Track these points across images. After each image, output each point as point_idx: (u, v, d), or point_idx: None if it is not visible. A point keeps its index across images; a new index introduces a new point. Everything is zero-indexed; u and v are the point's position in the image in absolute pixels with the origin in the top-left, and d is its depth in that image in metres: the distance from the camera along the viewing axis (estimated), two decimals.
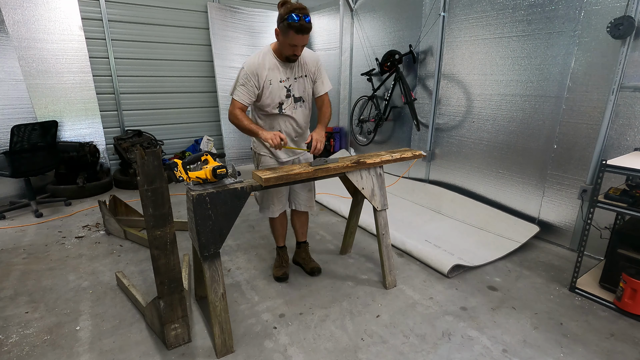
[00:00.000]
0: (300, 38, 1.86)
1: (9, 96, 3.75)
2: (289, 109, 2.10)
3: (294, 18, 1.79)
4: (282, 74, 2.02)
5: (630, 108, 2.46)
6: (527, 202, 3.14)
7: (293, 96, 2.09)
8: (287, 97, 2.07)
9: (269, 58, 1.99)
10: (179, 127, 5.21)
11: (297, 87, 2.09)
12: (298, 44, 1.89)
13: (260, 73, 1.97)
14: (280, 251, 2.53)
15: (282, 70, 2.02)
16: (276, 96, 2.04)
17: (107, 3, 4.34)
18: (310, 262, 2.57)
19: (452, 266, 2.48)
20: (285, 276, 2.45)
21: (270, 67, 1.99)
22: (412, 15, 3.95)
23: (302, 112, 2.16)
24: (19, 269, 2.56)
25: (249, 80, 1.96)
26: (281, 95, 2.05)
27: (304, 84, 2.11)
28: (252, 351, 1.82)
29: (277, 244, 2.54)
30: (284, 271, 2.46)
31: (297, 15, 1.79)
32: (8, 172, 3.34)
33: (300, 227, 2.54)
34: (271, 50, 2.01)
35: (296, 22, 1.79)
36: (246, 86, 1.97)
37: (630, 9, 2.35)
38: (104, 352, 1.80)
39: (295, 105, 2.12)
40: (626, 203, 2.04)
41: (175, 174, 1.65)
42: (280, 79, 2.02)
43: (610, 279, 2.23)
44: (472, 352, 1.82)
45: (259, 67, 1.96)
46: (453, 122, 3.69)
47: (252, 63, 1.96)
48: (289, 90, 2.06)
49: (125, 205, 3.28)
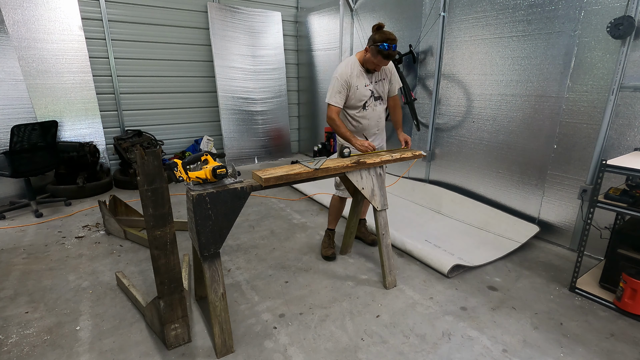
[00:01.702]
0: (384, 61, 2.26)
1: (9, 96, 3.75)
2: (370, 107, 2.49)
3: (385, 47, 2.17)
4: (367, 79, 2.41)
5: (630, 108, 2.46)
6: (527, 202, 3.14)
7: (374, 96, 2.47)
8: (371, 97, 2.46)
9: (356, 67, 2.38)
10: (179, 127, 5.21)
11: (377, 88, 2.47)
12: (382, 65, 2.31)
13: (351, 81, 2.36)
14: (330, 233, 2.82)
15: (366, 76, 2.41)
16: (362, 97, 2.42)
17: (107, 3, 4.34)
18: (370, 235, 2.98)
19: (452, 266, 2.48)
20: (333, 256, 2.73)
21: (357, 75, 2.38)
22: (412, 15, 3.95)
23: (381, 108, 2.56)
24: (19, 269, 2.56)
25: (343, 87, 2.36)
26: (366, 95, 2.43)
27: (382, 86, 2.49)
28: (252, 351, 1.82)
29: (329, 226, 2.83)
30: (332, 251, 2.75)
31: (388, 46, 2.17)
32: (8, 172, 3.34)
33: (365, 205, 2.93)
34: (357, 60, 2.39)
35: (386, 50, 2.18)
36: (341, 93, 2.37)
37: (630, 9, 2.35)
38: (104, 352, 1.80)
39: (375, 102, 2.51)
40: (626, 203, 2.04)
41: (175, 174, 1.65)
42: (365, 84, 2.41)
43: (610, 279, 2.23)
44: (472, 352, 1.82)
45: (350, 76, 2.35)
46: (453, 122, 3.69)
47: (345, 72, 2.35)
48: (372, 92, 2.45)
49: (125, 205, 3.28)
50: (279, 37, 5.61)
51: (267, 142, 5.77)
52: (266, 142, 5.75)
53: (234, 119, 5.38)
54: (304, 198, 4.08)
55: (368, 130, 2.56)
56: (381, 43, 2.16)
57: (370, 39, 2.24)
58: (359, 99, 2.42)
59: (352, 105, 2.45)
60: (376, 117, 2.54)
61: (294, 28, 5.93)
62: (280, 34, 5.61)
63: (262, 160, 5.77)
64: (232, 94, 5.28)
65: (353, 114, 2.49)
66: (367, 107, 2.47)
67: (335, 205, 2.77)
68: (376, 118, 2.54)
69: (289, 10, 5.80)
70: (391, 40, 2.18)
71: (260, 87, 5.53)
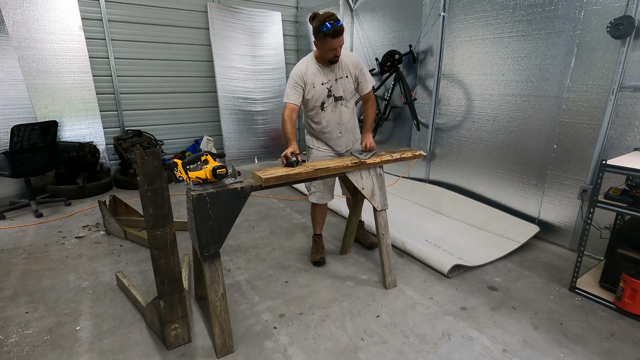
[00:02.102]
0: (337, 41, 2.10)
1: (9, 96, 3.75)
2: (329, 108, 2.35)
3: (328, 26, 2.04)
4: (324, 77, 2.27)
5: (630, 108, 2.46)
6: (527, 202, 3.14)
7: (334, 96, 2.33)
8: (328, 96, 2.32)
9: (312, 64, 2.25)
10: (179, 127, 5.21)
11: (337, 87, 2.32)
12: (337, 46, 2.14)
13: (306, 78, 2.24)
14: (317, 238, 2.74)
15: (323, 73, 2.27)
16: (320, 96, 2.30)
17: (107, 3, 4.34)
18: (368, 238, 2.89)
19: (452, 266, 2.48)
20: (322, 260, 2.66)
21: (313, 72, 2.25)
22: (412, 15, 3.95)
23: (343, 110, 2.39)
24: (19, 269, 2.56)
25: (296, 85, 2.24)
26: (324, 94, 2.30)
27: (344, 84, 2.33)
28: (252, 351, 1.82)
29: (315, 231, 2.75)
30: (321, 256, 2.67)
31: (329, 24, 2.04)
32: (8, 172, 3.34)
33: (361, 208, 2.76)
34: (314, 57, 2.27)
35: (330, 29, 2.04)
36: (296, 90, 2.25)
37: (630, 9, 2.35)
38: (104, 352, 1.80)
39: (336, 104, 2.36)
40: (626, 203, 2.04)
41: (175, 174, 1.65)
42: (322, 82, 2.27)
43: (610, 279, 2.23)
44: (472, 352, 1.82)
45: (305, 73, 2.23)
46: (453, 122, 3.69)
47: (300, 70, 2.24)
48: (330, 91, 2.30)
49: (125, 205, 3.28)
50: (279, 37, 5.61)
51: (267, 142, 5.77)
52: (266, 142, 5.75)
53: (234, 119, 5.38)
54: (304, 198, 4.08)
55: (330, 133, 2.43)
56: (322, 25, 2.04)
57: (313, 31, 2.12)
58: (316, 99, 2.29)
59: (311, 106, 2.34)
60: (336, 119, 2.38)
61: (294, 28, 5.93)
62: (280, 34, 5.61)
63: (262, 160, 5.77)
64: (232, 94, 5.29)
65: (312, 115, 2.39)
66: (325, 108, 2.34)
67: (313, 211, 2.68)
68: (336, 120, 2.39)
69: (289, 10, 5.80)
70: (329, 17, 2.04)
71: (260, 87, 5.53)
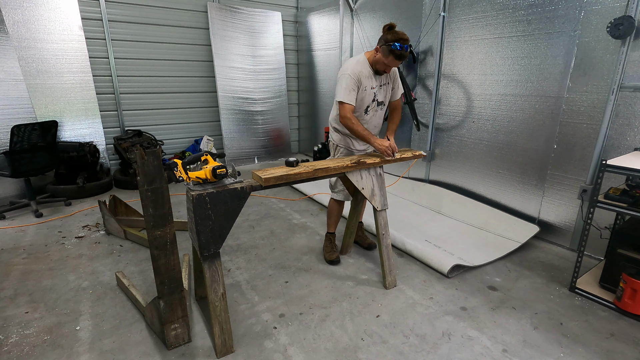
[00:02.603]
0: (397, 63, 2.18)
1: (9, 96, 3.75)
2: (372, 111, 2.40)
3: (397, 47, 2.09)
4: (374, 81, 2.32)
5: (630, 108, 2.46)
6: (527, 202, 3.14)
7: (377, 100, 2.38)
8: (373, 101, 2.36)
9: (366, 67, 2.27)
10: (179, 127, 5.21)
11: (381, 93, 2.38)
12: (394, 67, 2.23)
13: (362, 80, 2.25)
14: (331, 237, 2.76)
15: (373, 78, 2.31)
16: (367, 100, 2.33)
17: (107, 3, 4.34)
18: (367, 239, 2.90)
19: (452, 266, 2.48)
20: (338, 259, 2.68)
21: (367, 76, 2.28)
22: (412, 15, 3.95)
23: (381, 113, 2.48)
24: (19, 269, 2.56)
25: (355, 85, 2.24)
26: (370, 99, 2.34)
27: (386, 91, 2.40)
28: (252, 351, 1.82)
29: (329, 229, 2.77)
30: (336, 255, 2.69)
31: (400, 46, 2.09)
32: (8, 172, 3.34)
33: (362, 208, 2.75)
34: (367, 60, 2.29)
35: (399, 50, 2.10)
36: (354, 90, 2.24)
37: (630, 9, 2.35)
38: (104, 352, 1.80)
39: (377, 108, 2.42)
40: (626, 203, 2.04)
41: (175, 174, 1.65)
42: (372, 86, 2.31)
43: (610, 279, 2.23)
44: (472, 352, 1.82)
45: (361, 75, 2.24)
46: (453, 122, 3.69)
47: (356, 70, 2.24)
48: (375, 96, 2.35)
49: (125, 205, 3.28)
50: (279, 37, 5.61)
51: (267, 142, 5.77)
52: (266, 142, 5.75)
53: (234, 119, 5.38)
54: (304, 198, 4.08)
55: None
56: (393, 42, 2.09)
57: (382, 39, 2.16)
58: (364, 102, 2.32)
59: (356, 107, 2.33)
60: (375, 122, 2.45)
61: (294, 28, 5.93)
62: (280, 34, 5.61)
63: (262, 160, 5.77)
64: (232, 94, 5.28)
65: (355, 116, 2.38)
66: (368, 112, 2.38)
67: (334, 208, 2.71)
68: (374, 123, 2.45)
69: (289, 10, 5.80)
70: (404, 40, 2.10)
71: (260, 87, 5.53)
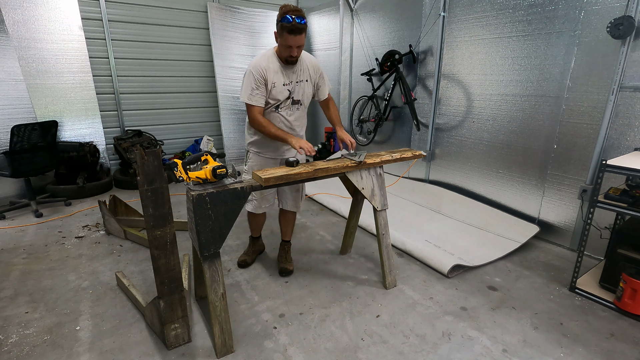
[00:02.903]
0: (293, 39, 1.91)
1: (9, 96, 3.75)
2: (284, 110, 2.17)
3: (288, 19, 1.85)
4: (285, 77, 2.09)
5: (630, 108, 2.46)
6: (527, 202, 3.14)
7: (292, 98, 2.16)
8: (287, 99, 2.14)
9: (273, 61, 2.05)
10: (179, 127, 5.21)
11: (297, 90, 2.16)
12: (292, 45, 1.95)
13: (268, 75, 2.03)
14: (251, 241, 2.67)
15: (285, 74, 2.08)
16: (279, 98, 2.11)
17: (107, 3, 4.34)
18: (283, 262, 2.54)
19: (452, 266, 2.48)
20: (244, 263, 2.58)
21: (275, 71, 2.05)
22: (412, 15, 3.95)
23: (298, 114, 2.24)
24: (19, 269, 2.56)
25: (260, 83, 2.02)
26: (283, 97, 2.12)
27: (304, 88, 2.18)
28: (252, 351, 1.82)
29: (252, 234, 2.66)
30: (244, 258, 2.60)
31: (290, 17, 1.85)
32: (8, 172, 3.34)
33: (285, 225, 2.58)
34: (274, 53, 2.08)
35: (289, 23, 1.86)
36: (259, 89, 2.03)
37: (630, 9, 2.35)
38: (104, 352, 1.80)
39: (292, 107, 2.19)
40: (626, 203, 2.04)
41: (175, 174, 1.65)
42: (283, 83, 2.09)
43: (610, 279, 2.23)
44: (472, 352, 1.82)
45: (267, 70, 2.02)
46: (453, 122, 3.69)
47: (260, 65, 2.01)
48: (290, 93, 2.14)
49: (125, 205, 3.28)
50: None
51: None
52: None
53: (234, 119, 5.37)
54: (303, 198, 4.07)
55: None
56: (283, 17, 1.86)
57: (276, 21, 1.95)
58: (273, 98, 2.09)
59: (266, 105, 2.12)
60: (288, 123, 2.20)
61: None
62: None
63: None
64: (232, 94, 5.28)
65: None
66: (280, 110, 2.14)
67: (249, 219, 2.56)
68: (288, 125, 2.20)
69: None
70: (294, 11, 1.86)
71: None
